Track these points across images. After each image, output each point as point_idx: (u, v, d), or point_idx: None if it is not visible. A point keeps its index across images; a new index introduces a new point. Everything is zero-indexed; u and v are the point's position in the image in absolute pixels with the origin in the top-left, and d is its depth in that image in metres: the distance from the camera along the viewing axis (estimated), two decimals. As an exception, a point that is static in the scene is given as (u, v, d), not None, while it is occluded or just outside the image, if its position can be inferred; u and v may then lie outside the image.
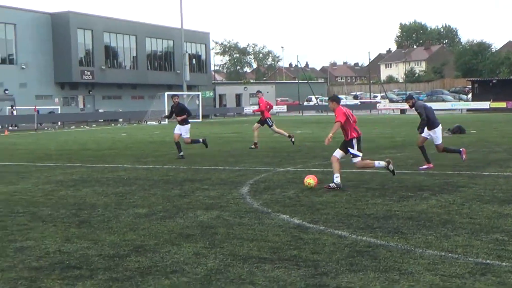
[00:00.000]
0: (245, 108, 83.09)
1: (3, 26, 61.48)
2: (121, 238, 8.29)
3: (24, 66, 63.01)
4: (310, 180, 12.54)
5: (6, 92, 59.67)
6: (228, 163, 17.85)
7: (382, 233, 8.29)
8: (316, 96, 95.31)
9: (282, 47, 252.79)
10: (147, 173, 15.89)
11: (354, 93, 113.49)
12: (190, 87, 76.86)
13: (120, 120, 64.60)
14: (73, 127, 54.11)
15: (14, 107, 56.46)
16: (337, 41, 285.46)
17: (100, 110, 68.81)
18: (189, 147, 21.46)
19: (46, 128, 51.29)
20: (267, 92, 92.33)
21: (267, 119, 23.23)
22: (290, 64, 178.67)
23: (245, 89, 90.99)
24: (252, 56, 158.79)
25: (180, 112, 20.20)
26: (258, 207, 10.48)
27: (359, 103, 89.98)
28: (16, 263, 7.15)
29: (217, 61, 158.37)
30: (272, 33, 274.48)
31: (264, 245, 7.71)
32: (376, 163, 12.77)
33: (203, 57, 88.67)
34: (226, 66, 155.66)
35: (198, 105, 65.63)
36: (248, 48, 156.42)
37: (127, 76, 74.81)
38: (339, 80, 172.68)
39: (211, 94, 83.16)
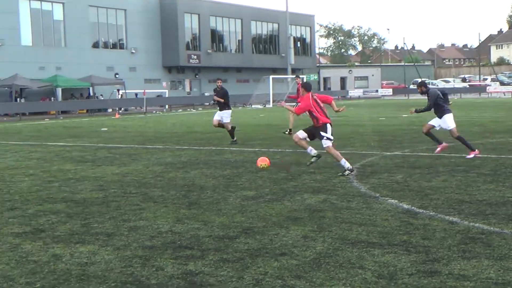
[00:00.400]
0: (349, 91, 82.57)
1: (114, 11, 63.28)
2: (230, 220, 8.41)
3: (133, 51, 64.70)
4: (264, 164, 12.84)
5: (117, 76, 61.57)
6: (334, 147, 17.68)
7: (495, 220, 8.04)
8: (423, 79, 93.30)
9: (388, 29, 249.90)
10: (253, 156, 15.99)
11: (463, 76, 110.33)
12: (294, 70, 76.81)
13: (226, 103, 65.31)
14: (180, 110, 55.29)
15: (120, 91, 58.18)
16: (445, 22, 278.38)
17: (206, 94, 69.80)
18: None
19: (154, 111, 52.59)
20: (372, 75, 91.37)
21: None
22: (396, 47, 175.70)
23: (350, 72, 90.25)
24: (356, 39, 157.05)
25: (222, 97, 20.06)
26: (365, 191, 10.39)
27: (468, 86, 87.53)
28: (130, 242, 7.38)
29: (321, 44, 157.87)
30: (378, 15, 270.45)
31: (373, 230, 7.64)
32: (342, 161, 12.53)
33: (308, 40, 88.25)
34: (331, 49, 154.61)
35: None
36: (352, 31, 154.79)
37: (233, 60, 75.55)
38: (446, 63, 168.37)
39: (316, 77, 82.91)
